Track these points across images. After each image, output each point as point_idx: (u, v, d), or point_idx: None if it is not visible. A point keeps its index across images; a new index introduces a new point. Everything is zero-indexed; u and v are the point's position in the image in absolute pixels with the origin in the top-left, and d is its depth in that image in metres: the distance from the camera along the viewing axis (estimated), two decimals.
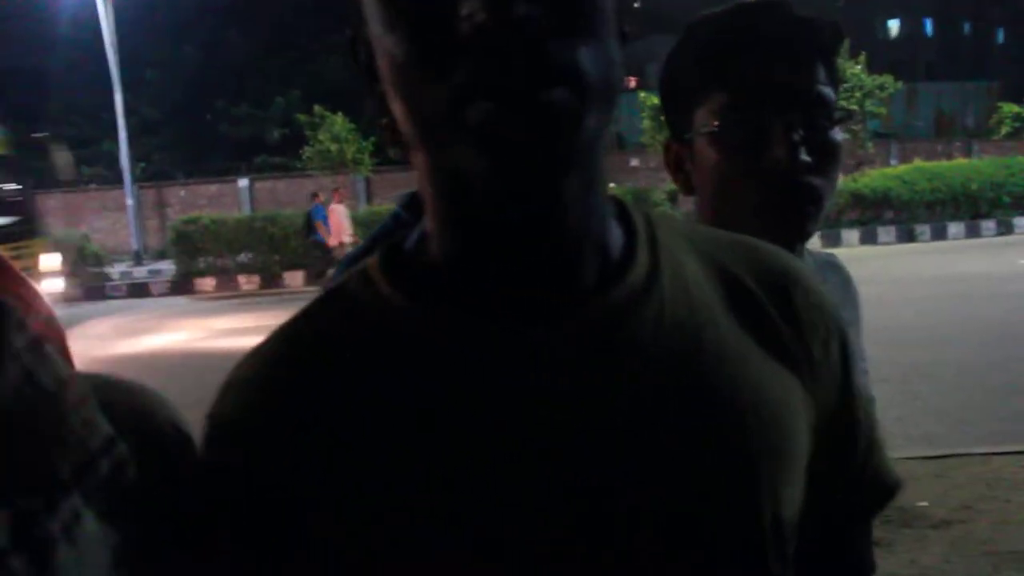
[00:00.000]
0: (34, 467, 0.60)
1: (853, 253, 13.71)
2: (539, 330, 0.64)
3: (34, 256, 12.20)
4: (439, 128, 0.61)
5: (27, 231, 12.42)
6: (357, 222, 16.33)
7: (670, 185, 14.13)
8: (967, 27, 43.82)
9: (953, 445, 5.27)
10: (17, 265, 0.74)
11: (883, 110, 23.62)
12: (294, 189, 24.51)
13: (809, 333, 0.72)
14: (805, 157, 1.10)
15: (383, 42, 0.62)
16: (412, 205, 1.55)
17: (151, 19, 29.34)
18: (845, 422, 0.77)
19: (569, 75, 0.58)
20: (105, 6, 21.71)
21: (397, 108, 0.64)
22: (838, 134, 1.15)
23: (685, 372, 0.66)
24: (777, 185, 1.11)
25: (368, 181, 24.20)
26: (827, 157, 1.13)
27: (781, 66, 1.13)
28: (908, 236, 18.35)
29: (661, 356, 0.65)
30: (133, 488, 0.64)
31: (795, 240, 1.14)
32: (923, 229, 18.52)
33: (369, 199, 23.93)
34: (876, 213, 18.69)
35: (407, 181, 1.61)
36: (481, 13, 0.56)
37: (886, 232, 18.45)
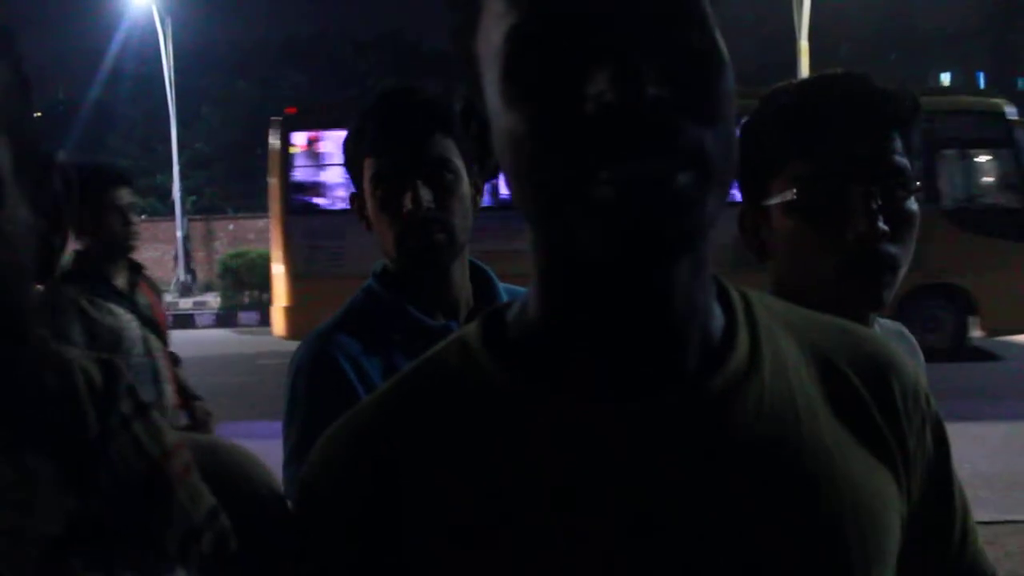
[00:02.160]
0: (139, 541, 0.58)
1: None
2: (638, 413, 0.63)
3: None
4: (558, 205, 0.59)
5: None
6: None
7: None
8: (1021, 82, 43.35)
9: (1003, 511, 5.12)
10: None
11: None
12: None
13: (906, 423, 0.71)
14: (884, 226, 1.13)
15: (503, 118, 0.61)
16: (384, 279, 1.58)
17: (209, 56, 30.02)
18: (939, 512, 0.75)
19: (696, 159, 0.57)
20: (165, 43, 22.26)
21: (512, 182, 0.63)
22: (914, 204, 1.17)
23: (782, 465, 0.64)
24: (856, 253, 1.14)
25: None
26: (904, 226, 1.16)
27: (861, 136, 1.15)
28: None
29: (759, 447, 0.64)
30: (235, 562, 0.63)
31: (870, 308, 1.18)
32: None
33: None
34: None
35: None
36: (609, 94, 0.55)
37: None
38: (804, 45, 16.77)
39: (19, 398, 0.57)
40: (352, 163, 1.54)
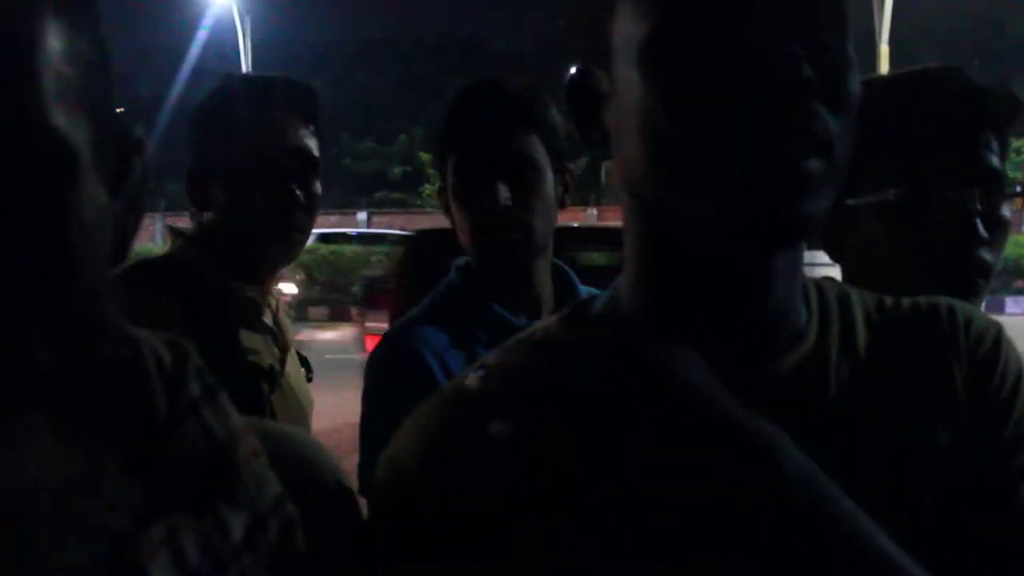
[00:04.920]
0: (205, 528, 0.57)
1: None
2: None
3: None
4: (682, 179, 0.60)
5: None
6: None
7: None
8: None
9: None
10: None
11: (1018, 174, 22.75)
12: (411, 225, 24.90)
13: (988, 389, 0.69)
14: (983, 232, 1.07)
15: (637, 89, 0.62)
16: (466, 272, 1.57)
17: (286, 54, 30.51)
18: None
19: (826, 147, 0.59)
20: (244, 41, 22.71)
21: (632, 155, 0.64)
22: (1008, 210, 1.11)
23: (853, 444, 0.65)
24: (951, 259, 1.07)
25: None
26: (998, 233, 1.10)
27: (959, 136, 1.08)
28: None
29: (827, 425, 0.65)
30: (300, 553, 0.62)
31: None
32: None
33: None
34: (1004, 282, 17.86)
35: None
36: (767, 66, 0.57)
37: (1015, 302, 17.61)
38: (884, 49, 16.44)
39: (91, 383, 0.56)
40: (438, 155, 1.53)
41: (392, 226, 26.22)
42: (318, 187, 1.56)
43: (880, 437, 0.66)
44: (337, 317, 17.67)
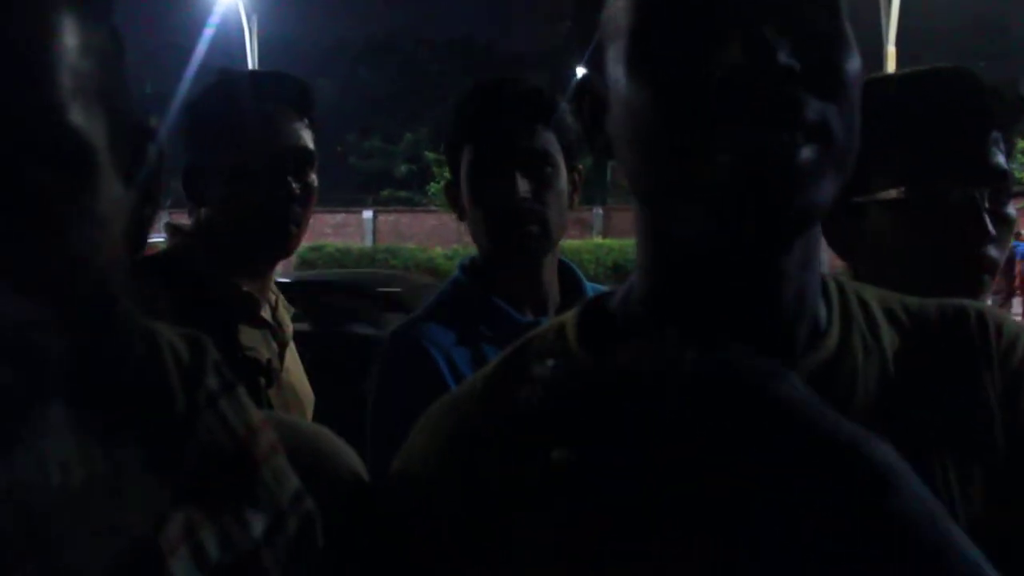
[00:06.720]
0: (225, 524, 0.57)
1: None
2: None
3: None
4: (675, 178, 0.59)
5: None
6: None
7: None
8: None
9: None
10: None
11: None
12: (417, 223, 24.95)
13: (1011, 375, 0.67)
14: (992, 229, 1.09)
15: (627, 89, 0.61)
16: (471, 269, 1.57)
17: (292, 52, 30.54)
18: None
19: (820, 135, 0.57)
20: (250, 39, 22.75)
21: (629, 158, 0.63)
22: (1013, 208, 1.14)
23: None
24: (959, 256, 1.10)
25: None
26: (1003, 230, 1.12)
27: (968, 135, 1.11)
28: None
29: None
30: (319, 549, 0.61)
31: None
32: None
33: None
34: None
35: None
36: (741, 58, 0.56)
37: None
38: (891, 51, 16.41)
39: (109, 380, 0.56)
40: (450, 149, 1.53)
41: (398, 224, 26.27)
42: (314, 180, 1.56)
43: (910, 442, 0.61)
44: None
